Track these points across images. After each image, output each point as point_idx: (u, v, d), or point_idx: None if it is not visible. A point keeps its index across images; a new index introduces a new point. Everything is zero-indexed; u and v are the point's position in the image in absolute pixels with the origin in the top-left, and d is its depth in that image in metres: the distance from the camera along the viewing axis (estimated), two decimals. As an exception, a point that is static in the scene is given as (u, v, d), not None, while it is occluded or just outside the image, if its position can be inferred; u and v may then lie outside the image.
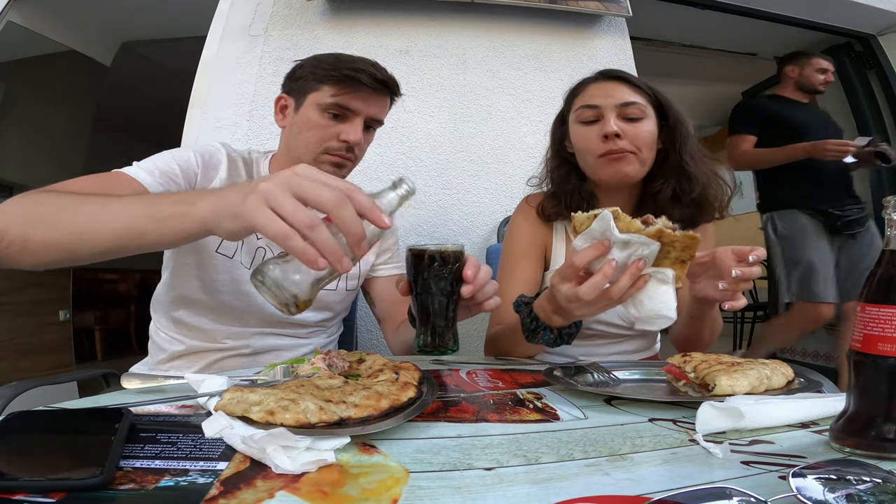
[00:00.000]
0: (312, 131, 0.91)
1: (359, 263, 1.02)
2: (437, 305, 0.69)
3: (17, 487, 0.32)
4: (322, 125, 0.90)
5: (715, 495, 0.31)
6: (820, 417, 0.50)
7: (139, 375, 0.61)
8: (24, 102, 2.69)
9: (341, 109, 0.90)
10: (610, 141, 0.91)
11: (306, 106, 0.92)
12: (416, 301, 0.71)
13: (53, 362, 2.69)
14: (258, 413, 0.44)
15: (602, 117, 0.93)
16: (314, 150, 0.91)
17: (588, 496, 0.34)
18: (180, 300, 0.94)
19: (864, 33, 2.55)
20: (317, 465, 0.37)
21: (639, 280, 0.65)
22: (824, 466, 0.34)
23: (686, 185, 0.94)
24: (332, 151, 0.91)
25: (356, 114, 0.91)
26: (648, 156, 0.94)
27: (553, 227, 1.03)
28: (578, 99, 0.99)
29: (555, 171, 1.04)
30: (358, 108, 0.90)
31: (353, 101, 0.90)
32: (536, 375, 0.73)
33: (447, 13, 1.78)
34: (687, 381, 0.64)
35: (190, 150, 0.92)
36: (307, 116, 0.91)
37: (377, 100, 0.93)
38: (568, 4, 1.78)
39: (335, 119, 0.91)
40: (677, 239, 0.63)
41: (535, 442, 0.45)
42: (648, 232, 0.62)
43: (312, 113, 0.91)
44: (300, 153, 0.92)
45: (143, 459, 0.38)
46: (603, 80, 0.98)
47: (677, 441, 0.45)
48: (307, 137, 0.91)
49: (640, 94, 0.94)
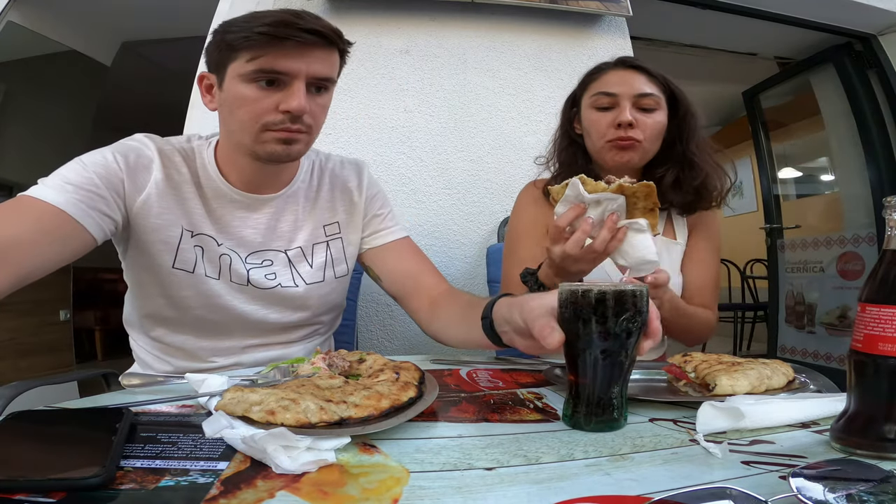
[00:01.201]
0: (244, 108, 0.75)
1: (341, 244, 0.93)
2: (607, 367, 0.49)
3: (18, 487, 0.32)
4: (253, 98, 0.74)
5: (715, 495, 0.31)
6: (820, 417, 0.50)
7: (139, 375, 0.61)
8: (25, 102, 2.68)
9: (269, 74, 0.73)
10: (622, 129, 0.95)
11: (229, 80, 0.76)
12: (575, 359, 0.51)
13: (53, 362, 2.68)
14: (258, 413, 0.44)
15: (617, 105, 0.96)
16: (252, 128, 0.76)
17: (588, 496, 0.34)
18: (153, 318, 0.86)
19: (864, 33, 2.54)
20: (317, 465, 0.37)
21: (618, 232, 0.73)
22: (824, 466, 0.34)
23: (689, 173, 0.98)
24: (273, 127, 0.75)
25: (292, 76, 0.74)
26: (654, 146, 0.98)
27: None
28: (595, 84, 1.01)
29: (562, 152, 1.08)
30: (290, 69, 0.73)
31: (281, 61, 0.72)
32: (537, 375, 0.73)
33: (447, 13, 1.78)
34: (687, 381, 0.64)
35: (104, 151, 0.77)
36: (233, 91, 0.75)
37: (314, 54, 0.75)
38: (568, 4, 1.78)
39: (270, 86, 0.74)
40: (637, 189, 0.73)
41: (535, 442, 0.45)
42: (612, 188, 0.73)
43: (238, 86, 0.75)
44: (238, 136, 0.78)
45: (143, 459, 0.38)
46: (622, 68, 1.00)
47: (678, 441, 0.45)
48: (240, 116, 0.76)
49: (656, 86, 0.97)
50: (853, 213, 2.73)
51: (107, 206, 0.74)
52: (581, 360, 0.50)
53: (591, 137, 1.01)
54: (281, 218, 0.89)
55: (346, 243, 0.94)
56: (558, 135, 1.11)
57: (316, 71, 0.76)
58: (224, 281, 0.85)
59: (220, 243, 0.84)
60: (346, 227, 0.94)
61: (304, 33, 0.72)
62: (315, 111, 0.78)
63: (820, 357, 2.80)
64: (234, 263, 0.85)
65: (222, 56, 0.76)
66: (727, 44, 2.83)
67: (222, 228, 0.85)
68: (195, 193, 0.83)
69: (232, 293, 0.85)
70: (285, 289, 0.88)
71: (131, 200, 0.78)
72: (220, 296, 0.85)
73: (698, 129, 0.99)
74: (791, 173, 3.37)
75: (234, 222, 0.85)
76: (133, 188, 0.77)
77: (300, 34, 0.72)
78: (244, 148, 0.79)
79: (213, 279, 0.84)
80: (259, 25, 0.71)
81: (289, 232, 0.89)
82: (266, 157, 0.78)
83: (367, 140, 1.69)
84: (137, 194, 0.78)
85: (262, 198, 0.87)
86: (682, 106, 0.98)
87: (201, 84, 0.82)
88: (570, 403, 0.51)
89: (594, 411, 0.49)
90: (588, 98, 1.01)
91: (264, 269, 0.87)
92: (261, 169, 0.84)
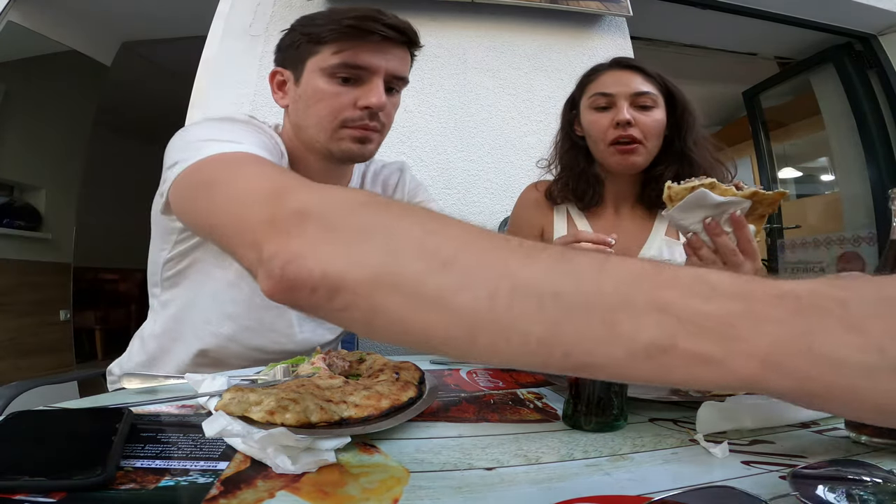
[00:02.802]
0: (322, 103, 0.75)
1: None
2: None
3: (18, 487, 0.32)
4: (333, 93, 0.74)
5: (715, 495, 0.31)
6: (820, 417, 0.50)
7: (139, 375, 0.61)
8: (25, 102, 2.68)
9: (352, 70, 0.74)
10: (621, 128, 0.95)
11: (308, 74, 0.76)
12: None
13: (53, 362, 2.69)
14: (258, 413, 0.44)
15: (615, 105, 0.96)
16: (329, 125, 0.75)
17: (589, 496, 0.34)
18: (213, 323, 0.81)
19: (864, 33, 2.54)
20: (317, 465, 0.37)
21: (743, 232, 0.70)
22: (824, 466, 0.34)
23: (688, 170, 0.98)
24: (351, 123, 0.75)
25: (372, 72, 0.74)
26: (655, 144, 0.98)
27: (554, 210, 1.08)
28: (592, 86, 1.02)
29: (564, 154, 1.08)
30: (372, 64, 0.74)
31: (364, 55, 0.73)
32: (537, 375, 0.73)
33: (447, 13, 1.78)
34: (687, 381, 0.64)
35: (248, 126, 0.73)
36: (312, 86, 0.75)
37: (394, 51, 0.75)
38: (568, 4, 1.78)
39: (347, 83, 0.74)
40: (768, 196, 0.69)
41: (535, 442, 0.45)
42: (744, 194, 0.68)
43: (317, 80, 0.74)
44: (313, 132, 0.77)
45: (143, 459, 0.38)
46: (617, 68, 1.01)
47: (678, 441, 0.45)
48: (318, 111, 0.75)
49: (652, 84, 0.98)
50: (853, 213, 2.73)
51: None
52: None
53: (592, 139, 1.02)
54: None
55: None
56: (559, 137, 1.11)
57: (394, 68, 0.76)
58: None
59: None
60: None
61: (387, 28, 0.73)
62: (389, 110, 0.79)
63: (820, 357, 2.80)
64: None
65: (302, 50, 0.76)
66: (727, 44, 2.83)
67: None
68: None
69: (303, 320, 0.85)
70: None
71: None
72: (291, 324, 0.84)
73: (696, 126, 0.99)
74: (791, 173, 3.37)
75: None
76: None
77: (384, 29, 0.72)
78: (318, 145, 0.78)
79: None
80: (346, 19, 0.72)
81: None
82: (340, 155, 0.78)
83: (367, 140, 1.69)
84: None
85: None
86: (680, 103, 0.99)
87: (273, 80, 0.81)
88: (571, 403, 0.51)
89: (594, 411, 0.49)
90: (586, 100, 1.02)
91: None
92: (327, 170, 0.82)
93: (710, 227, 0.70)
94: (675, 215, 0.72)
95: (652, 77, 0.98)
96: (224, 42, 1.70)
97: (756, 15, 2.39)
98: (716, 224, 0.69)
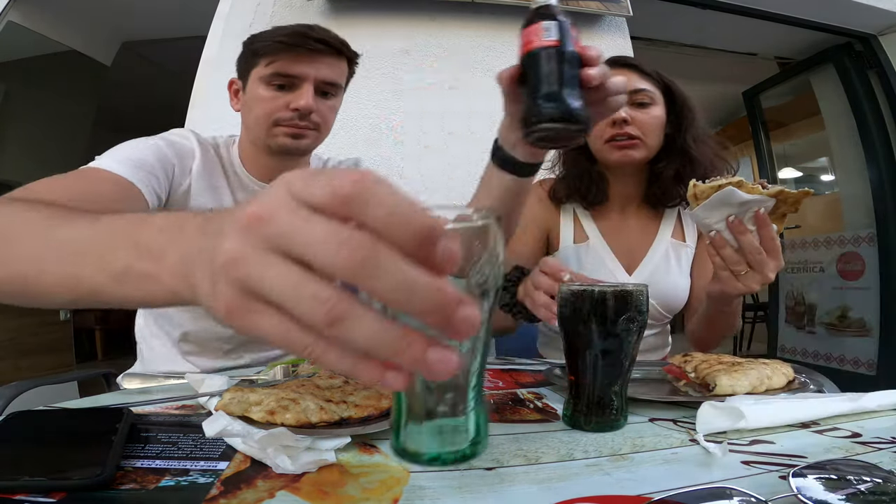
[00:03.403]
0: (260, 106, 0.86)
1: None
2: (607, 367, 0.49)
3: (18, 487, 0.32)
4: (268, 97, 0.86)
5: (715, 495, 0.31)
6: (820, 417, 0.50)
7: (139, 375, 0.61)
8: (25, 102, 2.68)
9: (284, 78, 0.85)
10: (618, 126, 0.94)
11: (251, 83, 0.88)
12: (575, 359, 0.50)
13: (53, 362, 2.68)
14: (259, 413, 0.44)
15: None
16: (264, 124, 0.86)
17: (588, 496, 0.34)
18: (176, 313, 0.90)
19: (864, 33, 2.54)
20: (317, 465, 0.37)
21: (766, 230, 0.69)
22: (824, 466, 0.34)
23: (689, 166, 0.97)
24: (283, 122, 0.86)
25: (302, 79, 0.85)
26: (655, 140, 0.97)
27: (561, 210, 1.07)
28: None
29: (565, 154, 1.07)
30: (301, 73, 0.85)
31: (293, 65, 0.84)
32: (537, 375, 0.73)
33: (447, 13, 1.78)
34: (687, 381, 0.64)
35: (153, 138, 0.86)
36: (252, 93, 0.87)
37: (323, 61, 0.86)
38: (568, 4, 1.78)
39: (282, 90, 0.86)
40: (792, 195, 0.68)
41: (535, 442, 0.45)
42: (770, 193, 0.68)
43: (257, 88, 0.86)
44: (254, 133, 0.89)
45: (143, 459, 0.38)
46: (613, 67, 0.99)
47: (678, 441, 0.45)
48: (257, 113, 0.87)
49: (649, 81, 0.97)
50: (853, 213, 2.73)
51: (158, 185, 0.80)
52: (581, 360, 0.49)
53: (591, 137, 1.01)
54: None
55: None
56: None
57: (324, 75, 0.86)
58: None
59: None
60: None
61: (313, 42, 0.84)
62: (323, 111, 0.88)
63: (820, 357, 2.80)
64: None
65: (247, 63, 0.88)
66: (727, 44, 2.83)
67: None
68: (226, 185, 0.92)
69: None
70: None
71: (177, 185, 0.86)
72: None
73: (696, 122, 0.98)
74: (791, 173, 3.38)
75: None
76: (181, 173, 0.86)
77: (310, 42, 0.84)
78: (260, 142, 0.89)
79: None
80: (278, 36, 0.84)
81: None
82: (277, 148, 0.88)
83: (367, 140, 1.69)
84: (183, 179, 0.86)
85: None
86: (679, 99, 0.98)
87: (230, 89, 0.94)
88: (571, 403, 0.50)
89: (594, 411, 0.48)
90: None
91: None
92: (277, 163, 0.92)
93: (734, 225, 0.69)
94: (699, 213, 0.71)
95: (648, 74, 0.98)
96: (224, 42, 1.70)
97: (756, 15, 2.39)
98: (739, 222, 0.69)
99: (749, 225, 0.69)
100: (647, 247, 1.03)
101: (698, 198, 0.71)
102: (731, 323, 0.92)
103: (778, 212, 0.70)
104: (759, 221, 0.69)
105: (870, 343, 2.56)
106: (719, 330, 0.93)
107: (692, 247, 1.05)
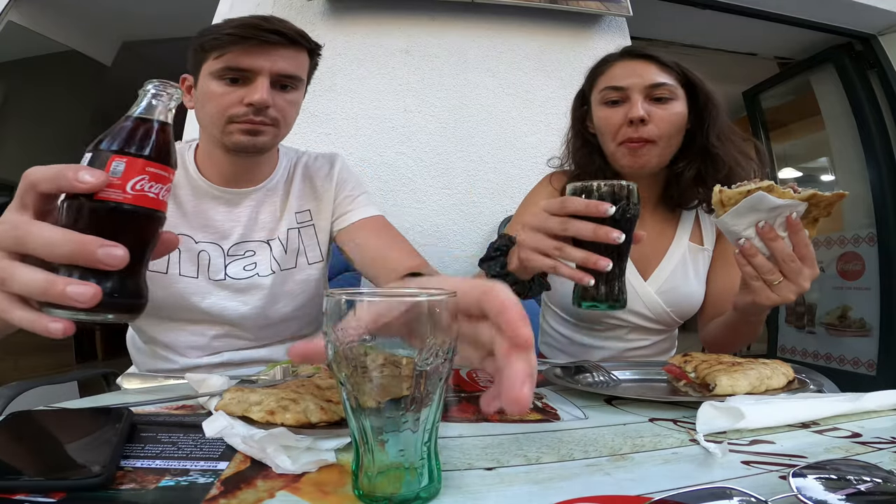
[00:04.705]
0: (212, 102, 0.81)
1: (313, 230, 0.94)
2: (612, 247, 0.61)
3: (18, 487, 0.32)
4: (220, 93, 0.80)
5: (715, 495, 0.31)
6: (820, 417, 0.50)
7: (139, 375, 0.61)
8: (25, 102, 2.69)
9: (235, 72, 0.80)
10: (635, 126, 0.86)
11: (202, 79, 0.83)
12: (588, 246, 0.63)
13: (53, 362, 2.68)
14: (259, 413, 0.44)
15: (628, 99, 0.88)
16: (219, 121, 0.82)
17: (588, 496, 0.34)
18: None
19: (864, 33, 2.54)
20: (317, 465, 0.37)
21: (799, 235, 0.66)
22: (824, 466, 0.34)
23: (711, 167, 0.90)
24: (237, 118, 0.81)
25: (256, 72, 0.80)
26: (674, 141, 0.90)
27: None
28: (603, 79, 0.92)
29: (577, 153, 1.00)
30: (254, 66, 0.79)
31: (245, 58, 0.79)
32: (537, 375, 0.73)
33: (447, 13, 1.78)
34: (687, 381, 0.64)
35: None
36: (204, 88, 0.82)
37: (279, 53, 0.81)
38: (568, 4, 1.78)
39: (235, 84, 0.81)
40: (825, 198, 0.66)
41: (535, 442, 0.45)
42: (802, 197, 0.65)
43: (209, 83, 0.81)
44: (209, 129, 0.85)
45: (143, 459, 0.38)
46: (629, 58, 0.91)
47: (678, 441, 0.45)
48: (209, 110, 0.82)
49: (670, 74, 0.88)
50: (853, 213, 2.73)
51: None
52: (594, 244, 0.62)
53: (603, 137, 0.93)
54: (261, 209, 0.92)
55: (318, 230, 0.96)
56: (570, 135, 1.02)
57: (280, 68, 0.81)
58: (203, 279, 0.87)
59: (197, 241, 0.87)
60: (317, 214, 0.96)
61: (267, 33, 0.79)
62: (282, 106, 0.83)
63: (820, 357, 2.80)
64: (213, 259, 0.88)
65: (197, 58, 0.83)
66: (727, 44, 2.83)
67: (202, 225, 0.88)
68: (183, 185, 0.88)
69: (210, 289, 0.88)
70: (262, 277, 0.90)
71: None
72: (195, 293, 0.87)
73: (720, 119, 0.89)
74: (791, 173, 3.37)
75: (216, 217, 0.89)
76: None
77: (263, 34, 0.78)
78: (215, 140, 0.85)
79: (191, 278, 0.86)
80: (227, 28, 0.79)
81: (270, 223, 0.92)
82: (233, 147, 0.83)
83: (367, 140, 1.69)
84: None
85: (242, 191, 0.90)
86: (702, 93, 0.89)
87: (183, 85, 0.88)
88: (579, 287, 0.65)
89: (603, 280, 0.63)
90: (596, 94, 0.93)
91: (245, 259, 0.90)
92: (235, 162, 0.88)
93: (765, 232, 0.65)
94: (726, 220, 0.66)
95: (669, 66, 0.88)
96: (224, 42, 1.70)
97: (756, 15, 2.39)
98: (770, 228, 0.64)
99: (780, 231, 0.65)
100: (664, 251, 0.97)
101: (725, 204, 0.66)
102: (755, 331, 0.87)
103: (809, 216, 0.67)
104: (791, 227, 0.64)
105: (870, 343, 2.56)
106: (742, 338, 0.88)
107: (710, 250, 0.99)
